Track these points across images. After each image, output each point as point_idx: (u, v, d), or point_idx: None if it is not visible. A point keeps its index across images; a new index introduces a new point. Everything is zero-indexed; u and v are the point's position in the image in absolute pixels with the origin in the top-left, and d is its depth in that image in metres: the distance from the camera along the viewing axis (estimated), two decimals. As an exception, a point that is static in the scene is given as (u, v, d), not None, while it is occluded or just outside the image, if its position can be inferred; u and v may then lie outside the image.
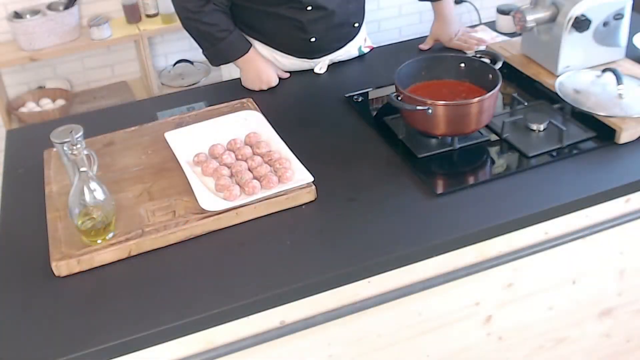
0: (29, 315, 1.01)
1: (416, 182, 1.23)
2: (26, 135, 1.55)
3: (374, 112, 1.48)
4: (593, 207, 1.21)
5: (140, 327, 0.97)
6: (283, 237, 1.13)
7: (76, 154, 1.04)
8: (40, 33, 2.52)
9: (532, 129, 1.33)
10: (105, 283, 1.06)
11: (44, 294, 1.05)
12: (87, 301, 1.03)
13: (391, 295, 1.14)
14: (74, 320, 1.00)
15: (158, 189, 1.23)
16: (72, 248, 1.09)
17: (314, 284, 1.04)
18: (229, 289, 1.03)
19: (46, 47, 2.56)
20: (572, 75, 1.41)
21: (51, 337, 0.97)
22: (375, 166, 1.28)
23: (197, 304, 1.01)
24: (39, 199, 1.24)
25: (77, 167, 1.06)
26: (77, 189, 1.07)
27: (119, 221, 1.14)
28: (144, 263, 1.10)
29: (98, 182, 1.09)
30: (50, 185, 1.26)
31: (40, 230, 1.16)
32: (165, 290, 1.04)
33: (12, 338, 0.98)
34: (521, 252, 1.20)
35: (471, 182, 1.23)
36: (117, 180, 1.26)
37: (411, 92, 1.29)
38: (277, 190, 1.17)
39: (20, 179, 1.34)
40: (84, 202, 1.07)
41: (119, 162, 1.32)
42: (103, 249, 1.09)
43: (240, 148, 1.29)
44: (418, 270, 1.14)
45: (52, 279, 1.07)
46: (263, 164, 1.24)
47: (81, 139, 1.12)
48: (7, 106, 2.67)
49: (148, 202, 1.19)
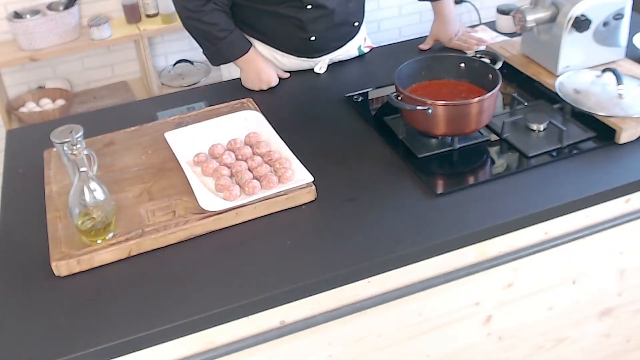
0: (29, 315, 1.01)
1: (416, 182, 1.23)
2: (26, 135, 1.55)
3: (374, 112, 1.48)
4: (593, 207, 1.21)
5: (140, 327, 0.97)
6: (283, 237, 1.13)
7: (76, 154, 1.04)
8: (40, 33, 2.52)
9: (532, 129, 1.33)
10: (105, 283, 1.06)
11: (44, 294, 1.05)
12: (87, 301, 1.03)
13: (391, 295, 1.14)
14: (74, 320, 1.00)
15: (158, 189, 1.23)
16: (72, 248, 1.09)
17: (314, 284, 1.04)
18: (229, 289, 1.03)
19: (46, 47, 2.56)
20: (572, 75, 1.41)
21: (51, 337, 0.97)
22: (375, 166, 1.28)
23: (197, 304, 1.01)
24: (39, 199, 1.24)
25: (77, 167, 1.06)
26: (77, 189, 1.07)
27: (119, 221, 1.14)
28: (144, 263, 1.09)
29: (98, 182, 1.09)
30: (50, 185, 1.26)
31: (40, 230, 1.16)
32: (165, 290, 1.04)
33: (12, 338, 0.98)
34: (521, 252, 1.20)
35: (471, 182, 1.23)
36: (117, 180, 1.26)
37: (411, 92, 1.29)
38: (277, 190, 1.17)
39: (20, 179, 1.34)
40: (84, 202, 1.07)
41: (119, 162, 1.32)
42: (103, 249, 1.09)
43: (240, 148, 1.29)
44: (418, 270, 1.14)
45: (52, 279, 1.07)
46: (263, 164, 1.24)
47: (81, 139, 1.12)
48: (7, 106, 2.67)
49: (148, 202, 1.19)
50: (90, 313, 1.01)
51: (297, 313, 1.08)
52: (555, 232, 1.22)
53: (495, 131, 1.34)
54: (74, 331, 0.98)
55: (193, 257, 1.10)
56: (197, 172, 1.25)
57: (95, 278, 1.07)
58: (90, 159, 1.12)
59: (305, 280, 1.04)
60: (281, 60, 1.66)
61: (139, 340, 0.97)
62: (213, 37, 1.56)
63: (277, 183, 1.19)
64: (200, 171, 1.25)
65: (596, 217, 1.24)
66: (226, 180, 1.20)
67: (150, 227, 1.13)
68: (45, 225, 1.16)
